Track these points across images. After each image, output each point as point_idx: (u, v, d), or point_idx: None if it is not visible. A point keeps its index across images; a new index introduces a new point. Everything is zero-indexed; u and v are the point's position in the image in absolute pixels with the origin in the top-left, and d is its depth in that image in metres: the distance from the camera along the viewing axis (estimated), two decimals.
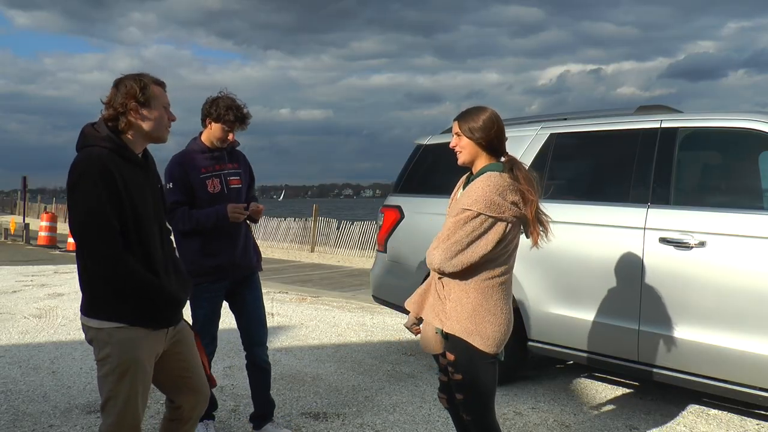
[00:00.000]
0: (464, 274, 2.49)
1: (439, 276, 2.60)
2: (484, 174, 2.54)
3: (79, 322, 2.47)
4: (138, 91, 2.35)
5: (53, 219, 18.64)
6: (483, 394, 2.59)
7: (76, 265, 2.39)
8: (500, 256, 2.51)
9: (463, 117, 2.60)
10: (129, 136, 2.39)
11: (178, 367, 2.57)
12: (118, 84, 2.39)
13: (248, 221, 3.60)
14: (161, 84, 2.46)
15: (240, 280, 3.59)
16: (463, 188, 2.68)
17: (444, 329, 2.57)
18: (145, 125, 2.39)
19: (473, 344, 2.50)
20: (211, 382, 2.70)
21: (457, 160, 2.66)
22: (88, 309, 2.38)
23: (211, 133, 3.46)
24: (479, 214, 2.42)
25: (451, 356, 2.58)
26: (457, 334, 2.52)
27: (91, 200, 2.23)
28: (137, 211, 2.33)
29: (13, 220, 22.24)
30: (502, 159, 2.61)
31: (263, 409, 3.68)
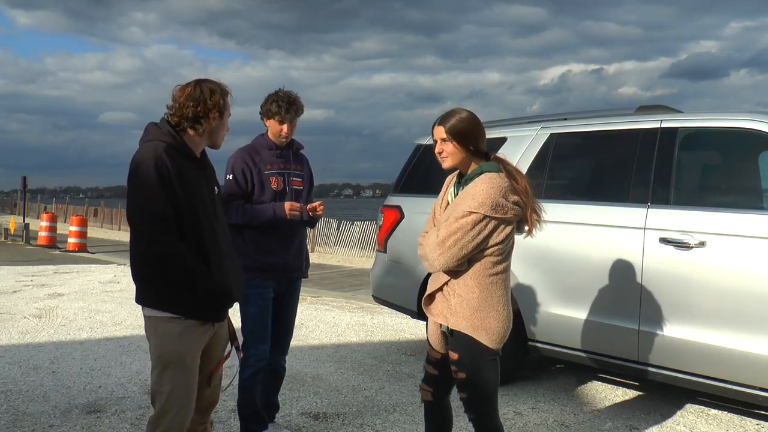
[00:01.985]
0: (467, 270, 2.52)
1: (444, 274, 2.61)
2: (484, 175, 2.54)
3: (79, 321, 2.49)
4: (222, 102, 2.50)
5: (53, 219, 18.63)
6: (487, 393, 2.59)
7: (75, 266, 2.41)
8: (501, 253, 2.53)
9: (446, 122, 2.59)
10: (192, 136, 2.49)
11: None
12: (201, 87, 2.48)
13: (307, 225, 3.57)
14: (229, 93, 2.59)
15: (285, 284, 3.52)
16: (456, 189, 2.69)
17: (450, 326, 2.57)
18: (217, 132, 2.53)
19: (478, 340, 2.51)
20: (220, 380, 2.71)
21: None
22: (140, 296, 2.46)
23: (270, 130, 3.45)
24: (485, 216, 2.44)
25: (455, 355, 2.58)
26: (463, 330, 2.53)
27: (146, 187, 2.33)
28: (192, 202, 2.40)
29: (12, 220, 22.23)
30: (491, 158, 2.64)
31: (266, 409, 3.65)
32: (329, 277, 11.85)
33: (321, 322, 7.19)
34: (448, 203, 2.67)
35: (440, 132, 2.59)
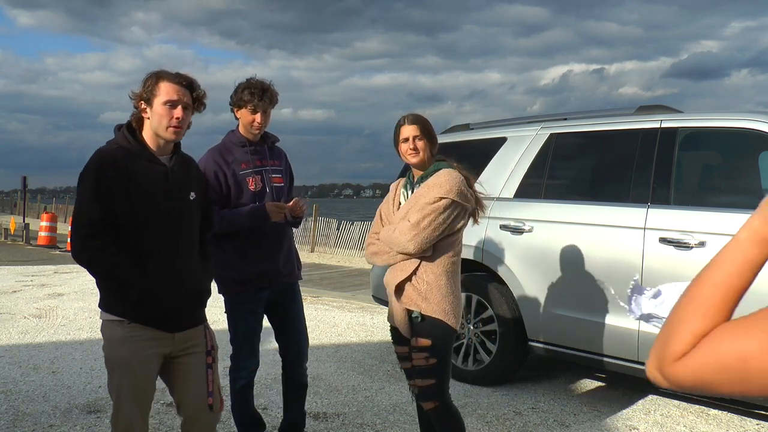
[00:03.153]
0: (433, 258, 2.71)
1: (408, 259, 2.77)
2: (444, 171, 2.78)
3: (79, 321, 2.50)
4: (151, 86, 2.38)
5: (53, 219, 18.62)
6: (448, 377, 2.79)
7: (74, 266, 2.45)
8: (459, 241, 2.79)
9: (420, 121, 2.87)
10: (147, 133, 2.43)
11: (173, 381, 2.53)
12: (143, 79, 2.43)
13: (292, 225, 3.30)
14: (173, 79, 2.41)
15: (280, 290, 3.27)
16: (407, 189, 2.91)
17: (422, 312, 2.71)
18: (153, 121, 2.40)
19: (447, 323, 2.70)
20: (219, 405, 2.59)
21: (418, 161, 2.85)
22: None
23: (242, 122, 3.16)
24: (453, 201, 2.68)
25: (426, 341, 2.71)
26: (435, 315, 2.69)
27: (82, 194, 2.33)
28: (134, 209, 2.35)
29: (12, 220, 22.23)
30: (440, 158, 2.91)
31: (297, 418, 3.47)
32: (329, 277, 11.84)
33: (321, 322, 7.19)
34: (400, 203, 2.89)
35: (414, 130, 2.84)
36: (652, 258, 3.84)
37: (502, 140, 4.86)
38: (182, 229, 2.48)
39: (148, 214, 2.38)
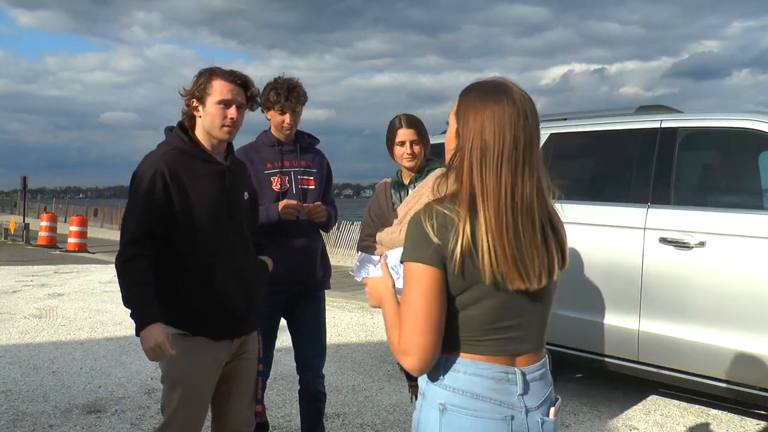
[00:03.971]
0: None
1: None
2: (440, 170, 2.70)
3: (79, 321, 2.48)
4: (202, 84, 2.28)
5: (53, 219, 18.62)
6: None
7: (74, 266, 2.41)
8: None
9: (416, 125, 2.85)
10: (200, 132, 2.33)
11: (219, 385, 2.38)
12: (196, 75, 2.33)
13: (320, 228, 3.17)
14: (227, 77, 2.30)
15: (299, 296, 3.14)
16: (400, 190, 2.92)
17: None
18: (206, 121, 2.30)
19: None
20: (260, 416, 2.53)
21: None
22: None
23: (272, 123, 3.10)
24: None
25: None
26: None
27: (133, 203, 2.23)
28: (192, 213, 2.24)
29: (13, 220, 22.23)
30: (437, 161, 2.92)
31: None
32: None
33: None
34: (393, 204, 2.91)
35: (411, 134, 2.83)
36: (652, 258, 3.84)
37: None
38: (238, 229, 2.41)
39: (208, 215, 2.28)
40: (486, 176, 1.35)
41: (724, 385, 3.62)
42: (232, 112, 2.28)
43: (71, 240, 16.85)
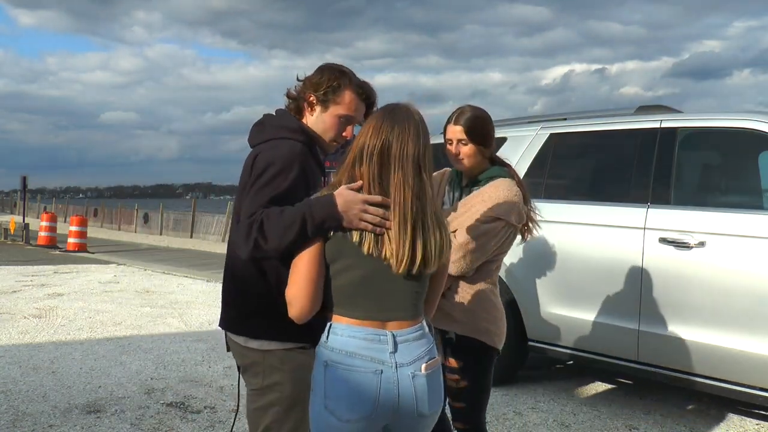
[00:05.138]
0: (474, 274, 2.43)
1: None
2: (501, 182, 2.44)
3: (79, 321, 2.43)
4: (328, 83, 2.00)
5: (53, 219, 18.62)
6: (484, 399, 2.52)
7: (74, 266, 2.37)
8: (501, 258, 2.52)
9: (466, 122, 2.43)
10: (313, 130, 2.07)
11: None
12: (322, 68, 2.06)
13: None
14: (361, 93, 2.03)
15: None
16: (454, 191, 2.57)
17: (458, 332, 2.42)
18: (317, 126, 2.05)
19: (487, 343, 2.42)
20: None
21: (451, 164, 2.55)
22: (243, 326, 1.98)
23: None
24: (509, 224, 2.39)
25: (455, 362, 2.42)
26: (472, 335, 2.41)
27: (276, 188, 1.86)
28: None
29: (12, 220, 22.22)
30: (497, 162, 2.56)
31: None
32: None
33: None
34: (443, 203, 2.57)
35: (458, 132, 2.44)
36: (652, 258, 3.84)
37: (502, 140, 4.86)
38: None
39: None
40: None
41: (724, 385, 3.62)
42: (348, 132, 2.08)
43: (71, 240, 16.85)
